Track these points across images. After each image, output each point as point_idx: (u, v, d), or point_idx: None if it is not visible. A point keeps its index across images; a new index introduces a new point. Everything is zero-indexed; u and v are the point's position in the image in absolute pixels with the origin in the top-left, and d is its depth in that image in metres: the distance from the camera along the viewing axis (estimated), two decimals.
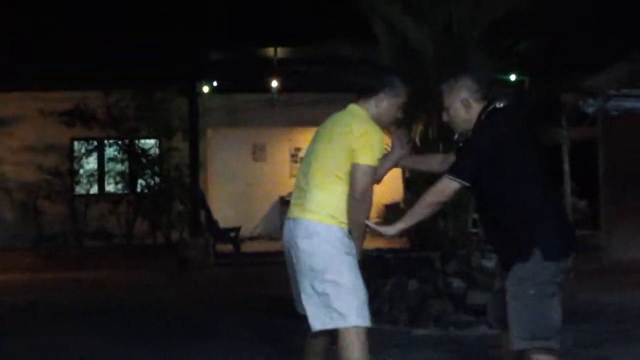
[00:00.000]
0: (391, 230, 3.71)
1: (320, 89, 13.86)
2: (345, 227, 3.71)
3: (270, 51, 16.42)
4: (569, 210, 8.87)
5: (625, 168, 11.67)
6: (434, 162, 4.14)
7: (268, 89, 15.84)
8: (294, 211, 3.81)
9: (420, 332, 6.40)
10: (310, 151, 3.87)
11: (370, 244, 9.27)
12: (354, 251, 3.72)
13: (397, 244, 8.53)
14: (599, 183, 11.95)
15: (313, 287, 3.67)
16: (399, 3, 7.14)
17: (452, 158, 3.83)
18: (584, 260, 9.75)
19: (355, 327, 3.62)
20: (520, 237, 3.56)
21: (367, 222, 3.74)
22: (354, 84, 4.04)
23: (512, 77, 13.99)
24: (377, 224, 3.88)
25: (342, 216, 3.70)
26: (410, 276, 6.71)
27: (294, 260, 3.76)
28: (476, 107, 3.70)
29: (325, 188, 3.72)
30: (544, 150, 3.84)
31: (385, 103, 3.83)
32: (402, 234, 3.98)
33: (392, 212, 9.45)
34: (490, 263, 6.52)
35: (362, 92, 3.88)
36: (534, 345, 3.49)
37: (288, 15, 14.40)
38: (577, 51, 11.99)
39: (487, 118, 3.66)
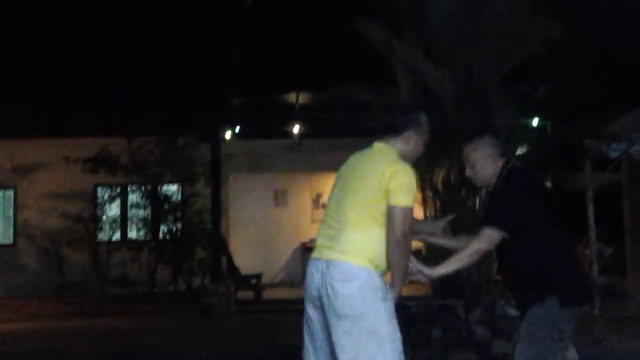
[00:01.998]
0: (433, 273, 3.81)
1: (342, 135, 13.90)
2: (381, 272, 3.63)
3: (291, 97, 16.54)
4: (595, 257, 8.73)
5: None
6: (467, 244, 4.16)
7: (289, 134, 15.91)
8: (325, 253, 3.65)
9: None
10: (341, 190, 3.75)
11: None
12: (390, 297, 3.62)
13: (420, 292, 8.42)
14: (624, 229, 11.79)
15: (348, 334, 3.53)
16: (420, 48, 7.16)
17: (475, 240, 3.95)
18: (610, 308, 9.60)
19: None
20: (539, 284, 3.76)
21: (410, 260, 3.70)
22: (380, 123, 4.00)
23: (535, 123, 13.96)
24: None
25: (380, 260, 3.60)
26: (433, 325, 6.61)
27: (326, 304, 3.59)
28: (499, 163, 3.96)
29: (362, 229, 3.60)
30: (562, 201, 3.98)
31: (413, 141, 3.82)
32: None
33: (415, 258, 9.35)
34: (515, 311, 6.39)
35: (389, 130, 3.83)
36: None
37: (309, 61, 14.51)
38: (599, 96, 11.93)
39: (510, 176, 3.91)
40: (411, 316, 6.76)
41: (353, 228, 3.61)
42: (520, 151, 9.33)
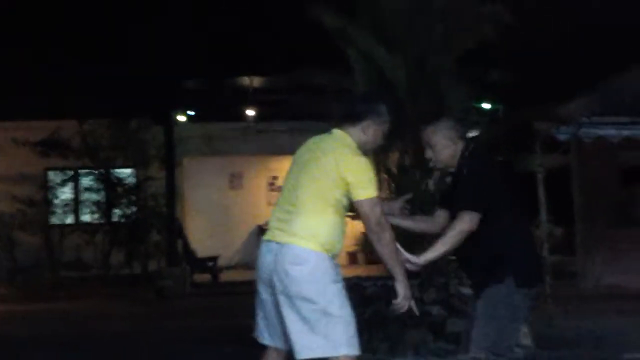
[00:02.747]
0: (420, 260, 3.90)
1: (296, 118, 13.95)
2: (332, 254, 3.69)
3: (246, 80, 16.49)
4: (545, 237, 8.93)
5: (599, 194, 11.81)
6: (422, 223, 4.31)
7: (244, 117, 15.87)
8: (278, 235, 3.71)
9: None
10: (296, 174, 3.79)
11: (348, 272, 9.26)
12: (341, 278, 3.71)
13: (376, 272, 8.52)
14: (574, 209, 12.07)
15: (301, 315, 3.61)
16: (373, 33, 7.21)
17: (437, 219, 4.09)
18: (560, 287, 9.85)
19: (345, 356, 3.61)
20: (496, 266, 3.84)
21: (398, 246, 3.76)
22: (339, 110, 4.05)
23: (486, 106, 14.17)
24: (355, 251, 3.95)
25: (331, 245, 3.67)
26: (388, 304, 6.69)
27: (278, 286, 3.66)
28: (459, 145, 4.02)
29: (315, 214, 3.66)
30: (520, 181, 4.05)
31: (372, 130, 3.83)
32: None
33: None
34: (468, 290, 6.54)
35: (347, 118, 3.87)
36: (487, 356, 3.80)
37: (264, 45, 14.48)
38: (549, 80, 12.17)
39: (474, 158, 3.98)
40: (367, 296, 6.84)
41: (306, 212, 3.67)
42: (472, 134, 9.48)
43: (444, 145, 4.01)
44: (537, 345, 6.52)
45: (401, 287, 3.77)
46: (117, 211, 14.70)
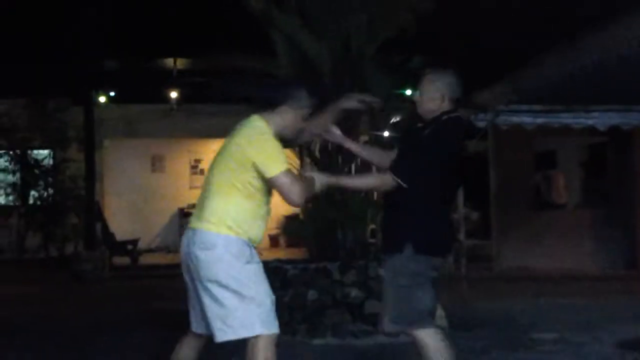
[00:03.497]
0: (322, 178, 3.93)
1: (220, 101, 13.88)
2: (244, 236, 3.72)
3: (169, 62, 16.28)
4: (462, 221, 9.19)
5: (514, 180, 12.19)
6: (377, 157, 4.34)
7: (166, 99, 15.69)
8: (192, 221, 3.80)
9: (318, 342, 6.48)
10: (212, 161, 3.88)
11: (269, 255, 9.32)
12: (257, 260, 3.74)
13: (296, 255, 8.61)
14: (490, 194, 12.41)
15: (215, 299, 3.65)
16: (298, 18, 7.24)
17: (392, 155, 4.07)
18: (475, 269, 10.16)
19: (261, 335, 3.64)
20: (398, 229, 3.88)
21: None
22: (258, 95, 4.08)
23: (409, 92, 14.38)
24: (276, 235, 3.99)
25: (242, 228, 3.71)
26: (309, 287, 6.78)
27: (192, 271, 3.73)
28: (445, 106, 3.92)
29: (222, 197, 3.72)
30: (464, 162, 4.00)
31: (290, 115, 3.87)
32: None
33: (291, 223, 9.56)
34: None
35: (266, 104, 3.91)
36: (403, 328, 3.88)
37: (188, 27, 14.32)
38: (468, 68, 12.42)
39: (446, 122, 3.87)
40: (287, 279, 6.91)
41: (215, 197, 3.73)
42: (394, 119, 9.64)
43: (431, 97, 3.92)
44: (451, 326, 6.72)
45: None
46: (33, 193, 14.34)
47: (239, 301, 3.64)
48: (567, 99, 9.54)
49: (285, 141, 3.91)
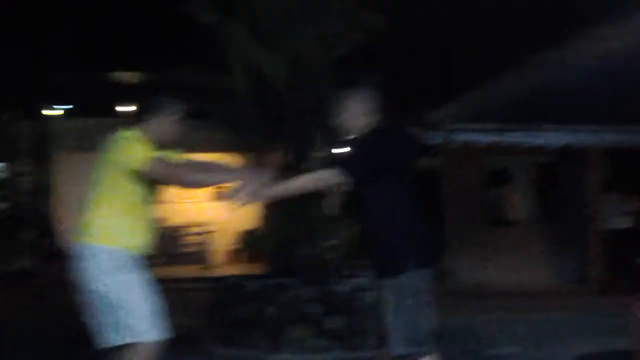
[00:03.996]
0: (262, 193, 3.88)
1: None
2: (122, 245, 3.78)
3: (122, 75, 16.14)
4: None
5: (466, 196, 12.35)
6: (305, 183, 4.14)
7: (119, 113, 15.54)
8: (73, 236, 3.90)
9: (278, 357, 6.47)
10: (90, 176, 3.94)
11: (230, 270, 9.24)
12: (134, 268, 3.79)
13: (255, 271, 8.57)
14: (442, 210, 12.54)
15: (94, 308, 3.76)
16: (250, 31, 7.22)
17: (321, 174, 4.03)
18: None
19: (141, 343, 3.73)
20: (395, 249, 3.79)
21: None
22: (213, 110, 4.12)
23: None
24: (236, 250, 3.95)
25: (113, 237, 3.77)
26: (268, 303, 6.78)
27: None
28: (368, 119, 3.93)
29: (95, 209, 3.81)
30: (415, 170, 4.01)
31: (165, 123, 3.95)
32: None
33: (251, 238, 9.55)
34: (345, 288, 6.73)
35: (140, 115, 3.98)
36: (409, 350, 3.78)
37: (143, 40, 14.24)
38: (420, 86, 12.59)
39: (375, 133, 3.88)
40: (246, 294, 6.91)
41: (88, 209, 3.83)
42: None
43: (352, 114, 3.95)
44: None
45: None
46: None
47: (115, 310, 3.72)
48: (521, 118, 9.73)
49: None
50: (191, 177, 3.96)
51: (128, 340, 3.74)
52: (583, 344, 6.80)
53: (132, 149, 3.77)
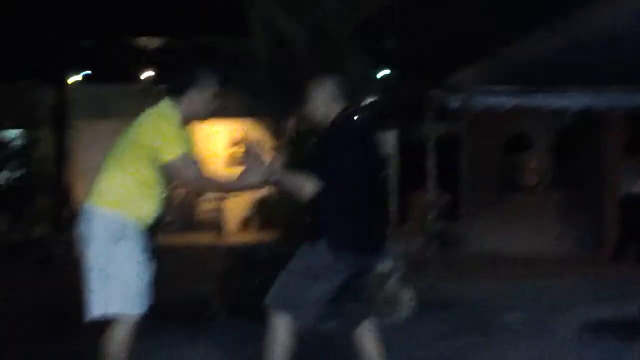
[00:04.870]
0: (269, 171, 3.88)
1: None
2: (129, 214, 3.73)
3: (143, 41, 16.13)
4: (432, 203, 9.21)
5: (485, 162, 12.24)
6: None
7: (141, 79, 15.56)
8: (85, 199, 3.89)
9: None
10: (116, 142, 3.93)
11: (241, 237, 9.27)
12: (131, 237, 3.73)
13: (267, 239, 8.58)
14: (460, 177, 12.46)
15: (91, 271, 3.72)
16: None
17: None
18: (444, 252, 10.23)
19: (122, 315, 3.69)
20: (316, 223, 3.89)
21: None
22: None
23: (382, 74, 14.36)
24: (248, 217, 3.94)
25: (123, 205, 3.72)
26: (279, 271, 6.76)
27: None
28: (336, 106, 3.96)
29: (112, 176, 3.77)
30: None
31: (197, 99, 3.88)
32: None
33: (263, 207, 9.56)
34: None
35: (172, 91, 3.91)
36: (275, 308, 3.95)
37: (162, 6, 14.18)
38: (442, 49, 12.43)
39: (340, 125, 3.93)
40: (258, 262, 6.91)
41: (105, 174, 3.80)
42: (367, 101, 9.64)
43: (321, 103, 3.97)
44: (420, 307, 6.74)
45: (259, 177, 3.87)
46: (2, 174, 14.17)
47: (104, 278, 3.68)
48: (543, 81, 9.56)
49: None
50: (205, 186, 3.95)
51: (111, 310, 3.68)
52: (595, 310, 6.76)
53: (167, 137, 3.71)
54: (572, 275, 9.25)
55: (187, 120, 3.87)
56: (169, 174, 3.78)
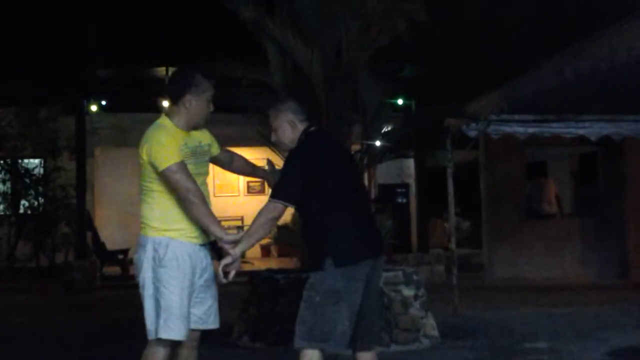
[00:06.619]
0: (234, 253, 3.77)
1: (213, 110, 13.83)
2: (176, 236, 3.74)
3: (161, 71, 16.27)
4: (453, 230, 9.19)
5: (504, 189, 12.22)
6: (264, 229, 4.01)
7: (157, 108, 15.65)
8: None
9: None
10: None
11: (261, 264, 9.26)
12: (167, 263, 3.73)
13: (288, 265, 8.58)
14: (481, 204, 12.44)
15: (142, 299, 3.78)
16: (290, 27, 7.23)
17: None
18: (466, 278, 10.17)
19: (153, 341, 3.73)
20: (316, 247, 3.83)
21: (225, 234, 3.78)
22: (254, 105, 4.11)
23: (400, 102, 14.42)
24: (268, 244, 3.94)
25: (165, 225, 3.76)
26: (301, 297, 6.74)
27: None
28: (300, 128, 4.00)
29: (143, 202, 3.84)
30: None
31: (194, 103, 3.87)
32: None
33: (283, 232, 9.50)
34: None
35: (171, 100, 3.93)
36: (311, 345, 3.77)
37: (180, 35, 14.33)
38: (460, 77, 12.48)
39: (305, 139, 3.97)
40: (279, 288, 6.89)
41: (142, 203, 3.85)
42: (385, 129, 9.65)
43: (284, 129, 4.00)
44: (442, 335, 6.70)
45: (228, 245, 3.79)
46: (24, 202, 14.27)
47: (152, 304, 3.74)
48: (560, 109, 9.57)
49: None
50: (192, 200, 3.74)
51: (152, 335, 3.74)
52: (621, 337, 6.68)
53: (159, 147, 3.73)
54: (597, 302, 9.15)
55: (186, 126, 3.88)
56: (164, 180, 3.78)
